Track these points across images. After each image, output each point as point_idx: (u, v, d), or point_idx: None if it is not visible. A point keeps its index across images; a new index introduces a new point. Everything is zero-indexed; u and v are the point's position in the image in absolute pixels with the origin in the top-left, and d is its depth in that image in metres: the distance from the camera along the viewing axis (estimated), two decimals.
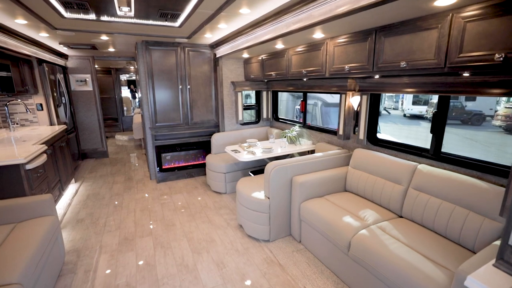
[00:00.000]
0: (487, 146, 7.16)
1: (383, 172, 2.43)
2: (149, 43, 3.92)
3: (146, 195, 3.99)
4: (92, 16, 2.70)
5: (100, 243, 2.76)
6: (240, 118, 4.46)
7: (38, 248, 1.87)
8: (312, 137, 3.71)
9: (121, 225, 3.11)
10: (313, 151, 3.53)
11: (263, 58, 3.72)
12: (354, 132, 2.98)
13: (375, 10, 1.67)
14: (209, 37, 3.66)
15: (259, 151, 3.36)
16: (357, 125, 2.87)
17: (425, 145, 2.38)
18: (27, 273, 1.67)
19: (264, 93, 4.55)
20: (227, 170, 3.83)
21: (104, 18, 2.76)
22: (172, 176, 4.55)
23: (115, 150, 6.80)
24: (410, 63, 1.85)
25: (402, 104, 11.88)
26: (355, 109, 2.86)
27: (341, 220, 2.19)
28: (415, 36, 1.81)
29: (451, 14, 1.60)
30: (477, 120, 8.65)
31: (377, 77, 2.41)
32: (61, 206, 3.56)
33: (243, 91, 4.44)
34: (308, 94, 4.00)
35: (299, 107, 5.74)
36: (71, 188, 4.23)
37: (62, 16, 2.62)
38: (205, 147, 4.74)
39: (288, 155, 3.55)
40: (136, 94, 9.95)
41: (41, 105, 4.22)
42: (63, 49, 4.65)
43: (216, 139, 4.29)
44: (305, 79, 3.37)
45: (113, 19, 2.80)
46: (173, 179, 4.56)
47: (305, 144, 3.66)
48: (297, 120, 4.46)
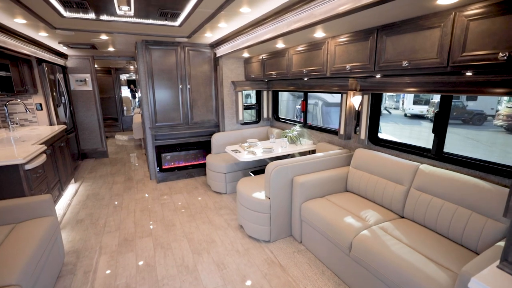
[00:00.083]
0: (489, 146, 7.14)
1: (384, 172, 2.42)
2: (149, 42, 3.90)
3: (146, 195, 3.97)
4: (91, 15, 2.69)
5: (99, 244, 2.74)
6: (240, 118, 4.45)
7: (37, 249, 1.85)
8: (313, 137, 3.69)
9: (121, 226, 3.10)
10: (314, 151, 3.51)
11: (264, 57, 3.70)
12: (355, 132, 2.97)
13: (376, 8, 1.65)
14: (209, 36, 3.64)
15: (259, 151, 3.34)
16: (358, 125, 2.86)
17: (427, 145, 2.36)
18: (26, 274, 1.66)
19: (264, 93, 4.54)
20: (227, 170, 3.82)
21: (103, 17, 2.75)
22: (172, 176, 4.53)
23: (115, 150, 6.79)
24: (412, 62, 1.84)
25: (403, 103, 11.86)
26: (356, 109, 2.85)
27: (342, 220, 2.18)
28: (417, 35, 1.79)
29: (454, 12, 1.58)
30: (478, 119, 8.64)
31: (378, 76, 2.39)
32: (61, 206, 3.55)
33: (244, 91, 4.43)
34: (309, 93, 3.98)
35: (299, 107, 5.73)
36: (71, 188, 4.22)
37: (61, 15, 2.61)
38: (205, 147, 4.72)
39: (288, 155, 3.54)
40: (136, 93, 9.94)
41: (40, 105, 4.20)
42: (63, 49, 4.64)
43: (216, 139, 4.28)
44: (306, 79, 3.35)
45: (112, 18, 2.78)
46: (173, 179, 4.55)
47: (306, 144, 3.65)
48: (298, 120, 4.44)
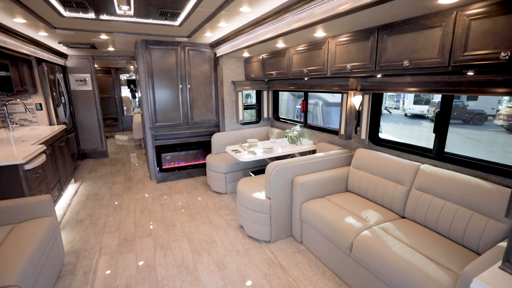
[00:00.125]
0: (489, 146, 7.13)
1: (385, 172, 2.41)
2: (149, 42, 3.89)
3: (146, 195, 3.96)
4: (91, 15, 2.68)
5: (99, 244, 2.74)
6: (240, 117, 4.44)
7: (36, 249, 1.85)
8: (313, 137, 3.68)
9: (121, 226, 3.09)
10: (314, 151, 3.50)
11: (264, 57, 3.69)
12: (355, 132, 2.96)
13: (377, 8, 1.65)
14: (210, 36, 3.63)
15: (259, 151, 3.33)
16: (358, 124, 2.85)
17: (428, 145, 2.35)
18: (26, 274, 1.65)
19: (264, 93, 4.53)
20: (227, 170, 3.81)
21: (103, 17, 2.74)
22: (172, 176, 4.53)
23: (115, 150, 6.78)
24: (413, 62, 1.83)
25: (403, 103, 11.84)
26: (357, 109, 2.84)
27: (343, 221, 2.17)
28: (418, 34, 1.78)
29: (455, 12, 1.57)
30: (478, 119, 8.63)
31: (379, 76, 2.38)
32: (61, 206, 3.54)
33: (244, 91, 4.42)
34: (309, 93, 3.97)
35: (299, 107, 5.72)
36: (71, 188, 4.21)
37: (61, 15, 2.60)
38: (205, 147, 4.71)
39: (289, 155, 3.53)
40: (136, 93, 9.93)
41: (40, 105, 4.20)
42: (63, 49, 4.63)
43: (216, 139, 4.27)
44: (306, 79, 3.35)
45: (112, 18, 2.77)
46: (173, 179, 4.54)
47: (306, 144, 3.64)
48: (298, 119, 4.43)
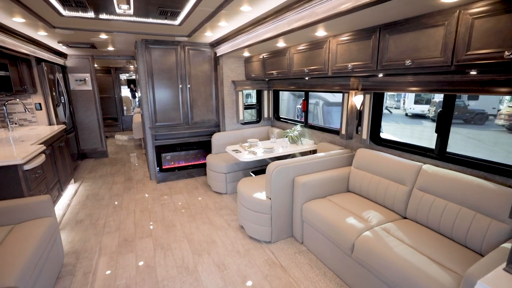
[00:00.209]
0: (490, 145, 7.11)
1: (387, 172, 2.39)
2: (148, 41, 3.88)
3: (146, 195, 3.95)
4: (90, 14, 2.66)
5: (99, 245, 2.72)
6: (241, 117, 4.42)
7: (36, 250, 1.83)
8: (314, 136, 3.66)
9: (121, 226, 3.07)
10: (315, 151, 3.49)
11: (264, 56, 3.68)
12: (357, 131, 2.94)
13: (378, 7, 1.63)
14: (210, 35, 3.62)
15: (260, 151, 3.32)
16: (360, 124, 2.83)
17: (429, 145, 2.34)
18: (25, 276, 1.64)
19: (265, 92, 4.51)
20: (227, 170, 3.80)
21: (102, 16, 2.72)
22: (172, 176, 4.51)
23: (115, 150, 6.76)
24: (415, 61, 1.81)
25: (404, 103, 11.81)
26: (358, 109, 2.82)
27: (344, 221, 2.15)
28: (420, 33, 1.77)
29: (458, 10, 1.55)
30: (479, 119, 8.60)
31: (381, 75, 2.37)
32: (60, 207, 3.53)
33: (244, 90, 4.40)
34: (309, 93, 3.96)
35: (300, 107, 5.70)
36: (70, 188, 4.20)
37: (60, 14, 2.58)
38: (205, 147, 4.70)
39: (289, 155, 3.51)
40: (136, 93, 9.92)
41: (40, 104, 4.18)
42: (62, 48, 4.61)
43: (216, 139, 4.25)
44: (307, 78, 3.33)
45: (112, 17, 2.76)
46: (173, 179, 4.52)
47: (307, 144, 3.62)
48: (299, 119, 4.42)
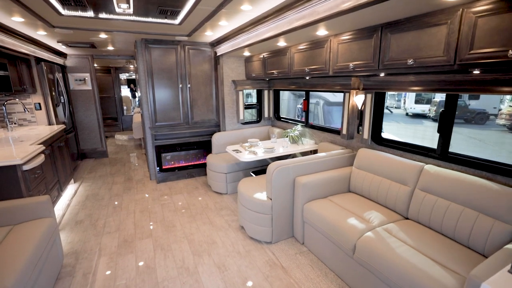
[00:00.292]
0: (491, 145, 7.09)
1: (388, 172, 2.37)
2: (148, 41, 3.86)
3: (146, 195, 3.93)
4: (90, 13, 2.65)
5: (99, 245, 2.71)
6: (241, 117, 4.40)
7: (35, 251, 1.82)
8: (314, 136, 3.65)
9: (121, 227, 3.06)
10: (315, 151, 3.47)
11: (265, 56, 3.66)
12: (358, 131, 2.92)
13: (380, 5, 1.61)
14: (210, 35, 3.60)
15: (260, 151, 3.30)
16: (361, 124, 2.81)
17: (431, 145, 2.32)
18: (24, 277, 1.63)
19: (265, 92, 4.50)
20: (228, 170, 3.78)
21: (102, 15, 2.70)
22: (172, 176, 4.50)
23: (115, 150, 6.75)
24: (417, 60, 1.80)
25: (404, 103, 11.77)
26: (359, 108, 2.81)
27: (345, 222, 2.14)
28: (423, 32, 1.75)
29: (461, 9, 1.54)
30: (480, 119, 8.57)
31: (382, 75, 2.35)
32: (60, 207, 3.51)
33: (244, 90, 4.38)
34: (310, 93, 3.94)
35: (301, 106, 5.68)
36: (70, 188, 4.18)
37: (59, 13, 2.57)
38: (205, 147, 4.68)
39: (290, 155, 3.50)
40: (136, 93, 9.90)
41: (39, 104, 4.16)
42: (62, 48, 4.59)
43: (216, 139, 4.24)
44: (307, 78, 3.31)
45: (111, 16, 2.74)
46: (173, 179, 4.51)
47: (308, 143, 3.60)
48: (299, 119, 4.40)
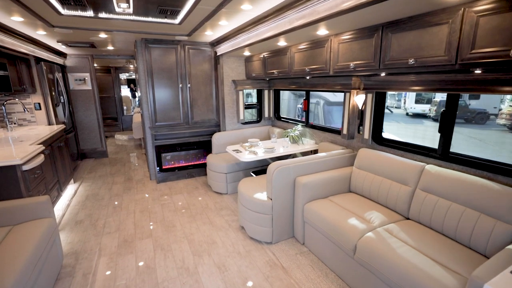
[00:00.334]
0: (492, 145, 7.08)
1: (389, 172, 2.37)
2: (148, 41, 3.85)
3: (146, 195, 3.93)
4: (89, 13, 2.64)
5: (99, 245, 2.70)
6: (241, 117, 4.39)
7: (34, 251, 1.81)
8: (315, 136, 3.64)
9: (121, 227, 3.05)
10: (316, 151, 3.46)
11: (265, 56, 3.65)
12: (358, 131, 2.92)
13: (381, 5, 1.61)
14: (210, 34, 3.59)
15: (261, 151, 3.29)
16: (361, 124, 2.81)
17: (432, 145, 2.31)
18: (23, 278, 1.62)
19: (265, 92, 4.49)
20: (228, 170, 3.77)
21: (102, 15, 2.70)
22: (172, 176, 4.49)
23: (115, 150, 6.74)
24: (418, 60, 1.79)
25: (404, 102, 11.76)
26: (360, 108, 2.80)
27: (346, 222, 2.13)
28: (424, 32, 1.74)
29: (463, 8, 1.53)
30: (481, 118, 8.56)
31: (383, 74, 2.34)
32: (60, 207, 3.51)
33: (244, 90, 4.38)
34: (310, 92, 3.93)
35: (301, 106, 5.67)
36: (70, 188, 4.17)
37: (59, 13, 2.56)
38: (205, 147, 4.67)
39: (290, 155, 3.49)
40: (136, 93, 9.89)
41: (39, 104, 4.16)
42: (61, 48, 4.58)
43: (217, 139, 4.23)
44: (308, 77, 3.31)
45: (111, 16, 2.73)
46: (173, 179, 4.50)
47: (308, 143, 3.60)
48: (299, 119, 4.39)
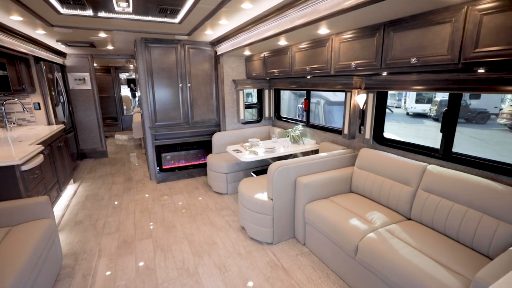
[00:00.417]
0: (492, 145, 7.07)
1: (390, 172, 2.35)
2: (148, 40, 3.83)
3: (146, 195, 3.91)
4: (89, 12, 2.62)
5: (99, 246, 2.69)
6: (241, 117, 4.38)
7: (33, 252, 1.80)
8: (315, 136, 3.62)
9: (121, 227, 3.04)
10: (317, 151, 3.44)
11: (266, 55, 3.63)
12: (359, 131, 2.90)
13: (383, 3, 1.59)
14: (210, 34, 3.57)
15: (261, 151, 3.28)
16: (362, 124, 2.79)
17: (433, 145, 2.30)
18: (22, 279, 1.60)
19: (266, 92, 4.47)
20: (228, 170, 3.76)
21: (101, 14, 2.68)
22: (172, 176, 4.47)
23: (115, 149, 6.72)
24: (421, 59, 1.77)
25: (405, 102, 11.75)
26: (361, 108, 2.78)
27: (347, 222, 2.11)
28: (426, 30, 1.72)
29: (466, 6, 1.51)
30: (481, 118, 8.55)
31: (385, 74, 2.32)
32: (59, 207, 3.49)
33: (245, 90, 4.36)
34: (311, 92, 3.91)
35: (301, 106, 5.66)
36: (70, 189, 4.16)
37: (58, 12, 2.54)
38: (206, 147, 4.66)
39: (291, 155, 3.47)
40: (136, 92, 9.87)
41: (38, 104, 4.14)
42: (61, 47, 4.57)
43: (217, 139, 4.21)
44: (309, 77, 3.29)
45: (110, 15, 2.71)
46: (173, 180, 4.49)
47: (309, 143, 3.58)
48: (300, 119, 4.37)
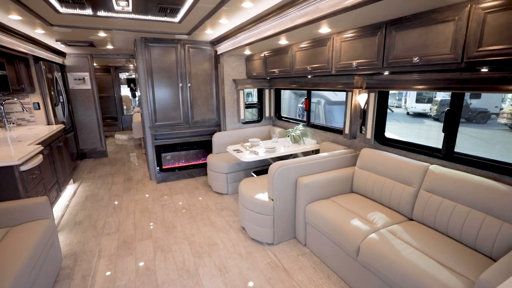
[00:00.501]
0: (493, 144, 7.05)
1: (392, 173, 2.33)
2: (148, 39, 3.81)
3: (146, 196, 3.90)
4: (88, 11, 2.60)
5: (98, 247, 2.67)
6: (242, 116, 4.36)
7: (32, 253, 1.78)
8: (316, 136, 3.60)
9: (120, 228, 3.02)
10: (317, 151, 3.43)
11: (266, 54, 3.61)
12: (360, 131, 2.88)
13: (385, 1, 1.57)
14: (210, 33, 3.55)
15: (262, 151, 3.26)
16: (364, 123, 2.77)
17: (434, 144, 2.28)
18: (21, 280, 1.59)
19: (266, 91, 4.45)
20: (229, 170, 3.74)
21: (101, 13, 2.66)
22: (172, 176, 4.46)
23: (115, 149, 6.71)
24: (423, 58, 1.75)
25: (405, 102, 11.73)
26: (362, 107, 2.76)
27: (349, 223, 2.10)
28: (429, 29, 1.71)
29: (469, 5, 1.49)
30: (482, 118, 8.52)
31: (386, 73, 2.30)
32: (59, 208, 3.48)
33: (245, 89, 4.34)
34: (312, 92, 3.89)
35: (302, 105, 5.64)
36: (69, 189, 4.14)
37: (57, 11, 2.53)
38: (206, 147, 4.64)
39: (291, 155, 3.46)
40: (135, 92, 9.85)
41: (38, 104, 4.12)
42: (61, 47, 4.55)
43: (217, 139, 4.20)
44: (309, 76, 3.27)
45: (110, 14, 2.70)
46: (173, 180, 4.47)
47: (309, 143, 3.56)
48: (300, 118, 4.36)
